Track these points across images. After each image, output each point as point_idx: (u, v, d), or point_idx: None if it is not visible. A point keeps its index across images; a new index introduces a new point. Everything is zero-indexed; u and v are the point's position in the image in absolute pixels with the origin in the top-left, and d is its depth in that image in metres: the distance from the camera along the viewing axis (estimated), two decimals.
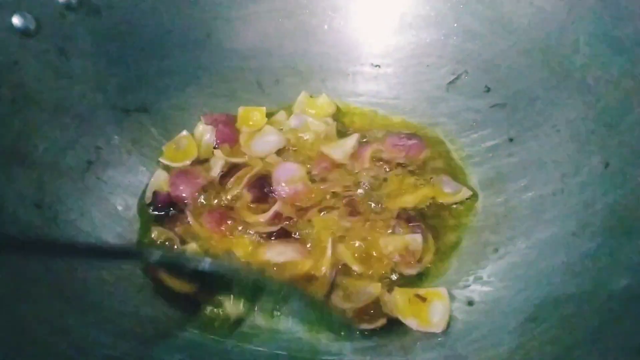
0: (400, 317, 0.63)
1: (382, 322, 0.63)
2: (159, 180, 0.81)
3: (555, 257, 0.61)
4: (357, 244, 0.70)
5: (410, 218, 0.73)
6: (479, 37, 0.87)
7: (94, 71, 0.81)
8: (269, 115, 0.92)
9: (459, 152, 0.85)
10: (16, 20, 0.71)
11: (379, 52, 0.96)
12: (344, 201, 0.76)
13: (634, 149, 0.61)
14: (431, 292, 0.64)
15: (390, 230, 0.72)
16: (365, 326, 0.63)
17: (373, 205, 0.76)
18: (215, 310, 0.65)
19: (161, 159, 0.84)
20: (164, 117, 0.88)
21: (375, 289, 0.66)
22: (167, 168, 0.84)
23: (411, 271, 0.69)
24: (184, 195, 0.78)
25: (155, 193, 0.79)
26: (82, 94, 0.79)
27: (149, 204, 0.78)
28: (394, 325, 0.63)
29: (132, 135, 0.84)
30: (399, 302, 0.64)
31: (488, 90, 0.86)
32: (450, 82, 0.90)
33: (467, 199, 0.77)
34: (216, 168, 0.81)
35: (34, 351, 0.52)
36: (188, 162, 0.84)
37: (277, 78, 0.97)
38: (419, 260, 0.69)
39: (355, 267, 0.68)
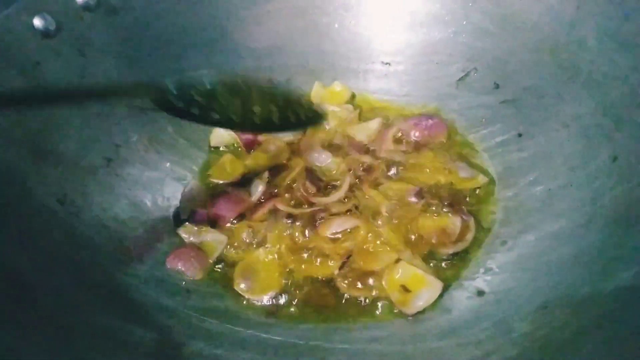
0: (386, 286, 0.67)
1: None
2: (193, 193, 0.83)
3: (564, 248, 0.63)
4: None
5: (453, 202, 0.75)
6: (488, 35, 0.88)
7: (112, 70, 0.83)
8: None
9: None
10: (37, 22, 0.73)
11: (390, 50, 0.97)
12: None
13: None
14: (427, 280, 0.66)
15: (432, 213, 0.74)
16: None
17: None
18: None
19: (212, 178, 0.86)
20: None
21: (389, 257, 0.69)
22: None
23: (448, 251, 0.71)
24: (225, 216, 0.78)
25: (193, 212, 0.80)
26: None
27: (186, 219, 0.79)
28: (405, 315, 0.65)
29: (149, 133, 0.86)
30: (392, 279, 0.67)
31: (497, 86, 0.87)
32: (460, 79, 0.92)
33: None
34: (257, 193, 0.81)
35: (60, 340, 0.54)
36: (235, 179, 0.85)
37: (289, 76, 0.99)
38: (457, 241, 0.71)
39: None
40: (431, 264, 0.70)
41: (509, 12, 0.85)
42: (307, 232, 0.73)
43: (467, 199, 0.78)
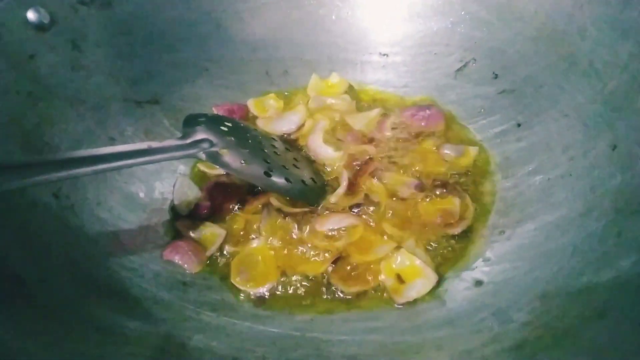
0: (383, 273, 0.67)
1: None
2: (184, 188, 0.81)
3: (563, 238, 0.62)
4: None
5: (446, 184, 0.76)
6: (486, 25, 0.88)
7: (107, 64, 0.83)
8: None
9: None
10: (31, 15, 0.72)
11: (387, 41, 0.96)
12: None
13: None
14: (422, 272, 0.66)
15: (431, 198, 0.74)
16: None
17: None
18: None
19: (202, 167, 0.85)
20: (175, 108, 0.89)
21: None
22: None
23: (454, 231, 0.71)
24: (226, 207, 0.78)
25: (197, 206, 0.79)
26: (96, 86, 0.80)
27: (187, 215, 0.79)
28: (403, 306, 0.65)
29: (145, 126, 0.86)
30: (389, 265, 0.67)
31: (496, 76, 0.86)
32: (458, 70, 0.91)
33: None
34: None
35: (59, 335, 0.53)
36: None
37: (286, 69, 0.98)
38: (461, 219, 0.71)
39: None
40: (430, 254, 0.70)
41: (507, 1, 0.84)
42: (302, 227, 0.72)
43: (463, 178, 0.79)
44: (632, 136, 0.63)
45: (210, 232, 0.74)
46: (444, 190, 0.74)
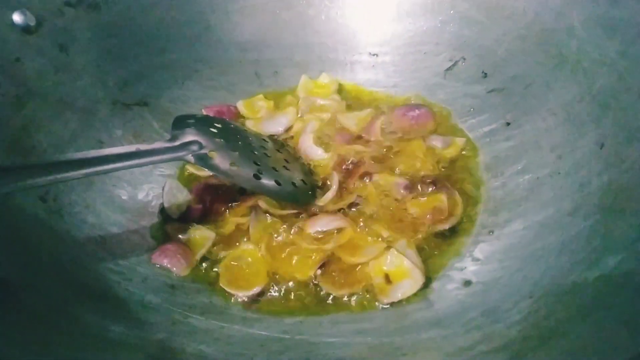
0: (372, 272, 0.67)
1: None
2: (173, 191, 0.81)
3: (551, 237, 0.62)
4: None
5: (434, 181, 0.75)
6: (475, 24, 0.88)
7: (95, 66, 0.82)
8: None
9: None
10: (17, 17, 0.72)
11: (377, 40, 0.97)
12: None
13: (629, 128, 0.62)
14: (410, 273, 0.65)
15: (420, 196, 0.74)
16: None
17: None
18: None
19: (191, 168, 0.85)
20: (164, 110, 0.89)
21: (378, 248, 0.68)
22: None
23: (445, 226, 0.71)
24: (218, 209, 0.78)
25: (189, 208, 0.78)
26: (83, 89, 0.80)
27: (178, 218, 0.78)
28: (392, 307, 0.65)
29: (134, 129, 0.85)
30: (378, 265, 0.67)
31: (485, 75, 0.86)
32: (448, 69, 0.91)
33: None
34: None
35: (45, 340, 0.53)
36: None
37: (276, 69, 0.98)
38: (450, 215, 0.72)
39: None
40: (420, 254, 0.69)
41: (495, 0, 0.84)
42: (290, 229, 0.72)
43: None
44: (619, 134, 0.63)
45: (200, 235, 0.74)
46: (434, 188, 0.74)
